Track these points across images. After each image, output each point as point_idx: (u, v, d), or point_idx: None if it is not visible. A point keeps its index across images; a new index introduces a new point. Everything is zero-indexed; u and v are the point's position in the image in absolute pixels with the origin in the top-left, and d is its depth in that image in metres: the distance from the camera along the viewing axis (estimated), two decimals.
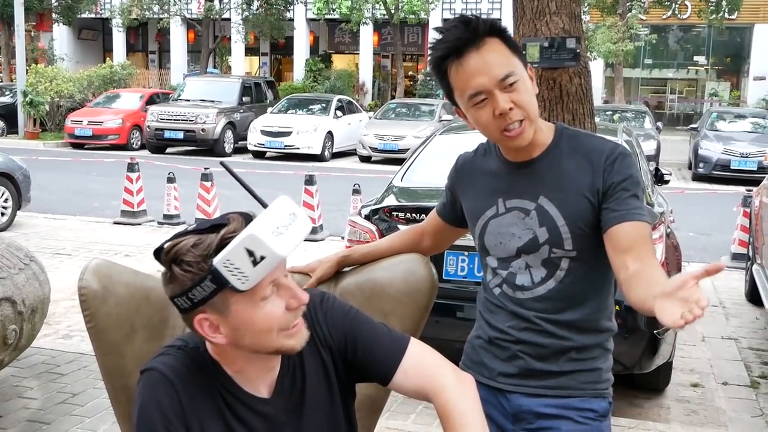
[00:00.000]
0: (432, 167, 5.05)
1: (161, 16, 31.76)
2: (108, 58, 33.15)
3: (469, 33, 1.80)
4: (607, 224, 1.83)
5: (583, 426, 1.93)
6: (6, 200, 9.80)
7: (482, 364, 2.01)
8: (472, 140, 2.16)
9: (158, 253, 1.59)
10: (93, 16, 36.07)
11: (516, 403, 1.97)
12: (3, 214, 9.78)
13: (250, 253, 1.45)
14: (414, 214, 4.43)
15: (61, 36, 37.02)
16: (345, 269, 2.21)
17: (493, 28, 1.81)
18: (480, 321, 2.07)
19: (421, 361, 1.73)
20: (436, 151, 5.33)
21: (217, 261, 1.47)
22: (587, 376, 1.95)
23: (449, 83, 1.86)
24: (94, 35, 40.21)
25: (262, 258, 1.46)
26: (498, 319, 1.99)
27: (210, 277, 1.48)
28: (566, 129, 1.98)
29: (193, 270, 1.50)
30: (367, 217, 4.62)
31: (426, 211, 2.25)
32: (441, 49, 1.84)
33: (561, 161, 1.90)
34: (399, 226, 4.41)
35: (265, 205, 1.57)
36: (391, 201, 4.71)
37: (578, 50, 2.53)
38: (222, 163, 1.77)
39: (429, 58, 1.89)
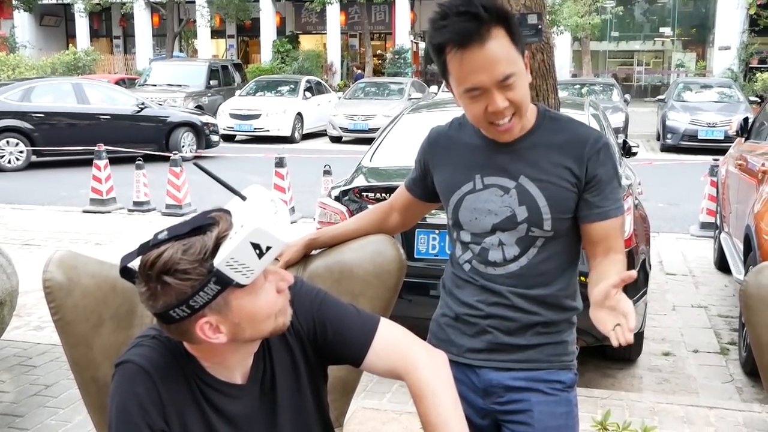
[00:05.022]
0: (400, 147, 5.04)
1: (124, 0, 31.38)
2: (71, 45, 32.77)
3: (475, 25, 1.72)
4: (588, 218, 1.90)
5: (552, 397, 1.95)
6: None
7: (450, 342, 2.02)
8: (439, 118, 2.16)
9: (127, 271, 1.55)
10: (55, 1, 35.56)
11: (485, 377, 1.98)
12: None
13: (256, 247, 1.45)
14: (383, 194, 4.42)
15: (22, 23, 36.45)
16: (313, 252, 2.21)
17: (500, 17, 1.74)
18: (446, 298, 2.08)
19: (392, 340, 1.74)
20: (404, 131, 5.33)
21: (219, 261, 1.45)
22: (554, 348, 1.98)
23: (446, 66, 1.81)
24: (56, 21, 39.62)
25: (268, 248, 1.47)
26: (466, 293, 2.00)
27: (213, 279, 1.46)
28: (548, 111, 1.99)
29: (191, 276, 1.46)
30: (337, 199, 4.61)
31: (395, 190, 2.24)
32: (443, 35, 1.76)
33: (543, 144, 1.91)
34: (369, 206, 4.41)
35: (243, 197, 1.56)
36: (360, 182, 4.71)
37: (540, 26, 2.53)
38: (195, 164, 1.75)
39: (428, 37, 1.83)
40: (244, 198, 1.56)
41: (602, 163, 1.89)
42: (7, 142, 14.04)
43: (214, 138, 16.35)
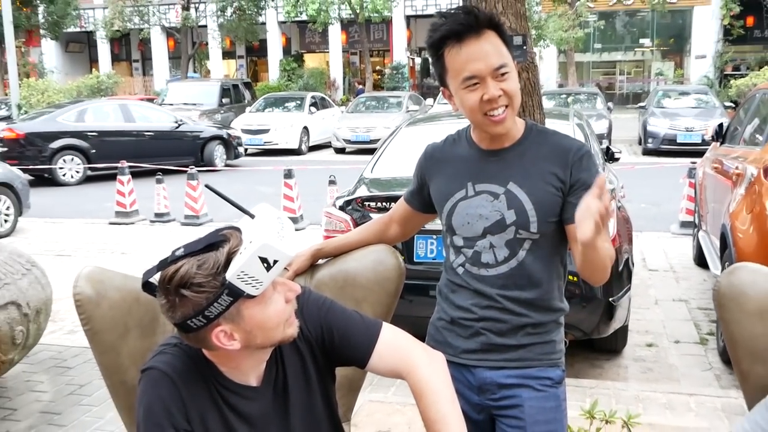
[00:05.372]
0: (399, 158, 5.06)
1: (142, 26, 31.48)
2: (94, 69, 32.91)
3: (471, 21, 1.82)
4: (573, 219, 1.88)
5: (542, 393, 1.98)
6: (8, 208, 9.75)
7: (446, 343, 2.04)
8: (435, 130, 2.18)
9: (149, 286, 1.58)
10: (78, 29, 35.62)
11: (480, 376, 2.01)
12: (6, 221, 9.72)
13: (264, 260, 1.49)
14: (384, 203, 4.45)
15: (49, 50, 36.57)
16: (319, 262, 2.24)
17: (492, 22, 1.85)
18: (442, 303, 2.10)
19: (393, 343, 1.76)
20: (403, 143, 5.34)
21: (231, 275, 1.49)
22: (543, 347, 2.00)
23: (444, 64, 1.88)
24: (80, 47, 39.75)
25: (275, 262, 1.50)
26: (461, 297, 2.02)
27: (226, 291, 1.50)
28: (535, 125, 2.04)
29: (206, 289, 1.50)
30: (342, 208, 4.63)
31: (395, 199, 2.27)
32: (442, 30, 1.85)
33: (530, 152, 1.95)
34: (371, 214, 4.44)
35: (252, 216, 1.59)
36: (362, 192, 4.73)
37: (525, 47, 2.56)
38: (207, 186, 1.79)
39: (428, 39, 1.90)
40: (252, 216, 1.59)
41: (585, 168, 1.92)
42: (66, 159, 14.66)
43: (240, 149, 17.32)
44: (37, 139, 14.51)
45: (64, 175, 14.60)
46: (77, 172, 14.71)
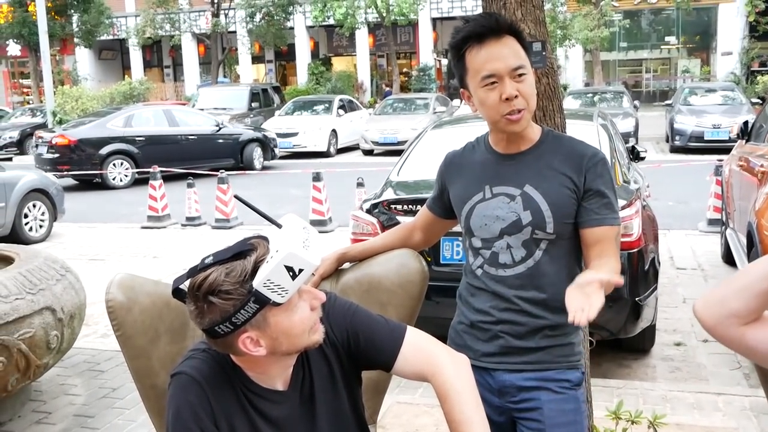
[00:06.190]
0: (425, 161, 5.05)
1: (173, 33, 31.79)
2: (127, 75, 33.31)
3: (492, 24, 1.88)
4: (586, 224, 1.94)
5: (560, 395, 1.97)
6: (43, 213, 9.90)
7: (466, 347, 2.04)
8: (460, 133, 2.19)
9: (179, 292, 1.61)
10: (111, 37, 36.11)
11: (500, 379, 2.01)
12: (41, 226, 9.87)
13: (289, 269, 1.51)
14: (410, 206, 4.45)
15: (83, 58, 37.07)
16: (344, 266, 2.25)
17: (512, 28, 1.91)
18: (462, 307, 2.11)
19: (418, 346, 1.77)
20: (428, 146, 5.33)
21: (257, 283, 1.51)
22: (561, 350, 2.00)
23: (464, 65, 1.92)
24: (113, 55, 40.23)
25: (300, 271, 1.52)
26: (480, 300, 2.03)
27: (253, 298, 1.52)
28: (551, 131, 2.06)
29: (233, 296, 1.52)
30: (369, 211, 4.63)
31: (421, 202, 2.29)
32: (464, 31, 1.91)
33: (546, 156, 1.97)
34: (398, 217, 4.44)
35: (279, 225, 1.61)
36: (389, 195, 4.72)
37: (544, 53, 2.55)
38: (235, 196, 1.82)
39: (450, 40, 1.95)
40: (279, 226, 1.61)
41: (599, 174, 1.94)
42: (115, 164, 15.04)
43: (276, 150, 17.84)
44: (88, 145, 14.87)
45: (114, 179, 14.94)
46: (126, 176, 15.08)
